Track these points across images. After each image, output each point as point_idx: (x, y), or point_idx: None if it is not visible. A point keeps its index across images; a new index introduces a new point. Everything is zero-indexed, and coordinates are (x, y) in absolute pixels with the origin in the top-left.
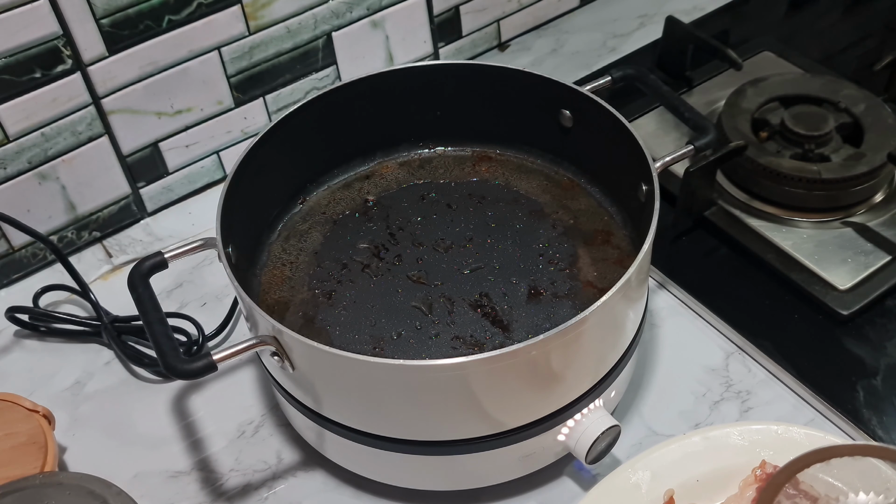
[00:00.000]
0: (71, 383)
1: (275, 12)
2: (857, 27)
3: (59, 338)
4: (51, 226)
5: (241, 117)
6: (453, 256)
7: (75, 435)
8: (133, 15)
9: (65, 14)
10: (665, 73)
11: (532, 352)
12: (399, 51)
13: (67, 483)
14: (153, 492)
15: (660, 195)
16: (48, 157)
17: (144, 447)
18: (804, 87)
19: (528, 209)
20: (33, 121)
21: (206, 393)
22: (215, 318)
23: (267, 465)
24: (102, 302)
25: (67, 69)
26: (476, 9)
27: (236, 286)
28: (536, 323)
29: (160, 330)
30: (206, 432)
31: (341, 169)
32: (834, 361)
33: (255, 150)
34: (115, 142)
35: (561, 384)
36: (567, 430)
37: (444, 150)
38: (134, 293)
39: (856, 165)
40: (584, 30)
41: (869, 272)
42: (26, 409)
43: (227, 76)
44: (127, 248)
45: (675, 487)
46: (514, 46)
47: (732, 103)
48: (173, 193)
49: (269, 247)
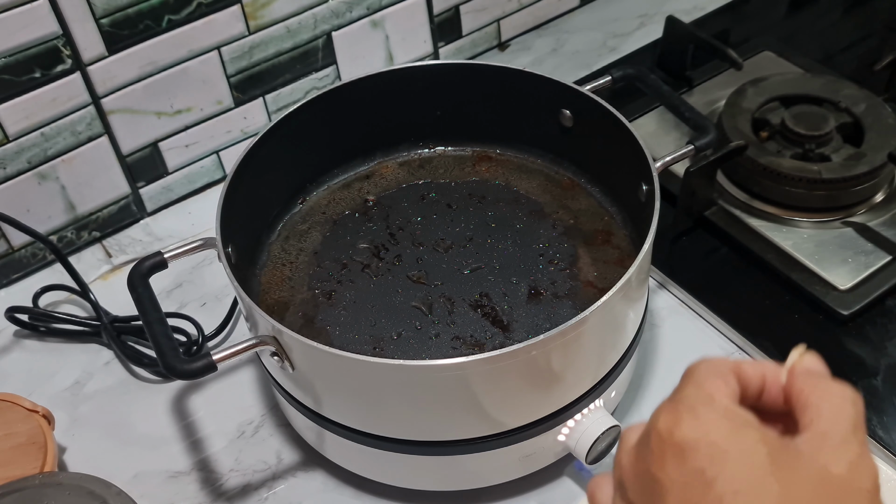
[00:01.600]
0: (70, 383)
1: (275, 12)
2: (858, 27)
3: (58, 338)
4: (50, 226)
5: (241, 117)
6: (453, 256)
7: (75, 435)
8: (133, 15)
9: (64, 14)
10: (665, 73)
11: (532, 352)
12: (399, 51)
13: (67, 483)
14: (153, 492)
15: (660, 195)
16: (48, 156)
17: (144, 447)
18: (804, 86)
19: (528, 209)
20: (33, 121)
21: (206, 393)
22: (215, 318)
23: (267, 465)
24: (102, 302)
25: (67, 69)
26: (476, 8)
27: (236, 286)
28: (537, 323)
29: (160, 330)
30: (206, 432)
31: (341, 169)
32: (834, 361)
33: (254, 150)
34: (114, 142)
35: (561, 384)
36: (567, 430)
37: (444, 150)
38: (133, 293)
39: (856, 165)
40: (584, 29)
41: (869, 272)
42: (26, 409)
43: (226, 76)
44: (126, 248)
45: None
46: (514, 46)
47: (733, 103)
48: (173, 193)
49: (268, 247)
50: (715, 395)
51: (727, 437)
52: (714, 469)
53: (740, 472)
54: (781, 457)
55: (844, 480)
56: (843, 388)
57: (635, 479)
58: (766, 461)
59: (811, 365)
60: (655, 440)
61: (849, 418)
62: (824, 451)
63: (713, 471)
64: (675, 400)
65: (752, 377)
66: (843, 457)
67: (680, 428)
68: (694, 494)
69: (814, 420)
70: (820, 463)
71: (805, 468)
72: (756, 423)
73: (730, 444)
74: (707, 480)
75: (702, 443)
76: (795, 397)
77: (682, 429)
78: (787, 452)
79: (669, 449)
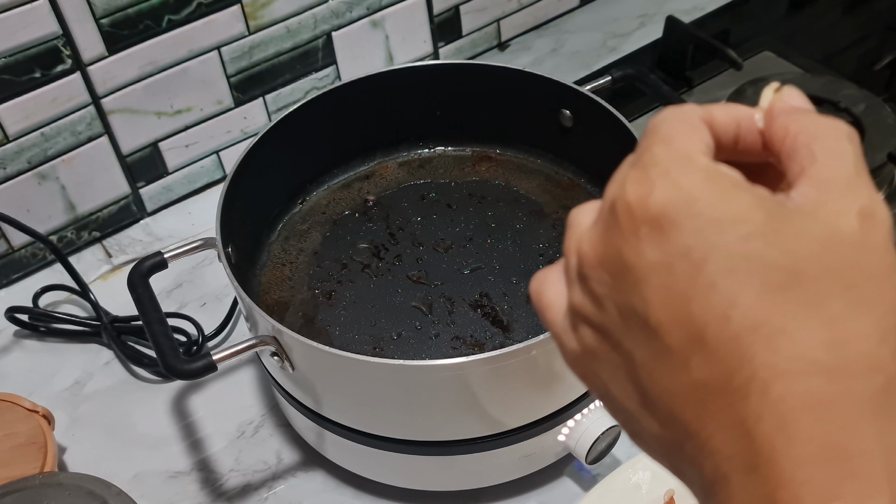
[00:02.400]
0: (70, 383)
1: (274, 12)
2: (858, 27)
3: (58, 338)
4: (50, 226)
5: (241, 117)
6: (453, 256)
7: (75, 435)
8: (133, 15)
9: (64, 14)
10: (665, 73)
11: (532, 352)
12: (399, 50)
13: (67, 483)
14: (153, 492)
15: None
16: (48, 156)
17: (144, 447)
18: (804, 86)
19: (528, 209)
20: (33, 121)
21: (206, 393)
22: (215, 318)
23: (267, 465)
24: (102, 302)
25: (67, 69)
26: (476, 8)
27: (236, 286)
28: (537, 323)
29: (160, 330)
30: (206, 432)
31: (341, 169)
32: None
33: (254, 150)
34: (114, 142)
35: (561, 384)
36: (567, 430)
37: (444, 150)
38: (133, 293)
39: None
40: (584, 29)
41: None
42: (26, 409)
43: (226, 76)
44: (126, 248)
45: (675, 487)
46: (514, 46)
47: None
48: (173, 193)
49: (268, 247)
50: (691, 153)
51: (714, 203)
52: (702, 246)
53: (735, 247)
54: (781, 220)
55: (856, 237)
56: (834, 123)
57: (601, 266)
58: (765, 228)
59: (792, 100)
60: (625, 216)
61: (848, 159)
62: (829, 205)
63: (701, 248)
64: (641, 163)
65: (727, 124)
66: (851, 208)
67: (655, 197)
68: (679, 279)
69: (806, 167)
70: (826, 220)
71: (810, 229)
72: (745, 184)
73: (719, 211)
74: (695, 260)
75: (684, 213)
76: (780, 142)
77: (658, 197)
78: (786, 213)
79: (644, 225)
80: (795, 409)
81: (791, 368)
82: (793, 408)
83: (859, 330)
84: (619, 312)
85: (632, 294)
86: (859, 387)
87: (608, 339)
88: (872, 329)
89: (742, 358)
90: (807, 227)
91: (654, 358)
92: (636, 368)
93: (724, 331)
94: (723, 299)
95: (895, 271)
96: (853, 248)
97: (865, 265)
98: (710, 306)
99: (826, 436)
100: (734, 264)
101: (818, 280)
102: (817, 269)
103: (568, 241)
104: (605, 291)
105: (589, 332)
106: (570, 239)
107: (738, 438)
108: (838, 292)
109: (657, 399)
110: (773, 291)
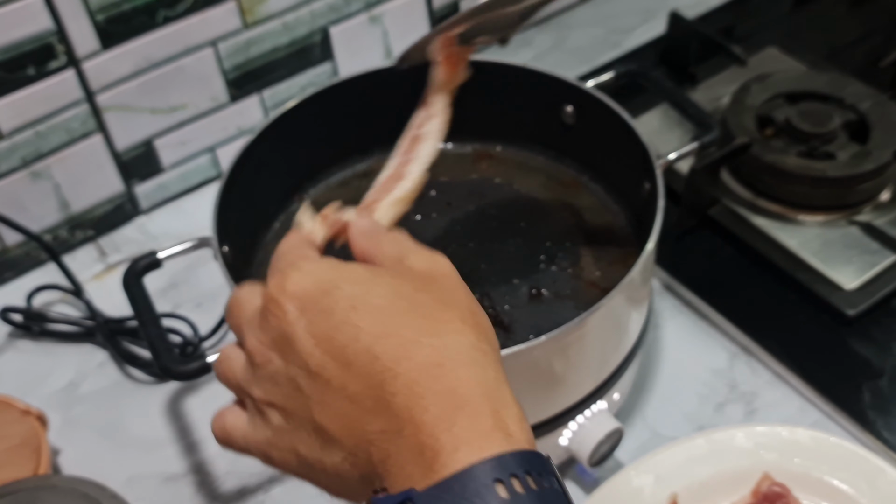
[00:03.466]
0: (64, 384)
1: (271, 7)
2: (863, 23)
3: (52, 338)
4: (44, 224)
5: (237, 114)
6: (453, 256)
7: (69, 437)
8: (127, 10)
9: (58, 9)
10: (669, 69)
11: (534, 353)
12: (398, 46)
13: (61, 486)
14: (148, 495)
15: (664, 193)
16: (41, 154)
17: (139, 450)
18: (809, 83)
19: (529, 207)
20: (26, 118)
21: (202, 394)
22: (211, 318)
23: (263, 468)
24: (97, 302)
25: (61, 65)
26: (476, 3)
27: (232, 286)
28: (538, 324)
29: (155, 331)
30: (202, 434)
31: (339, 166)
32: (839, 362)
33: (251, 148)
34: (108, 139)
35: (563, 386)
36: (569, 432)
37: (444, 148)
38: (128, 293)
39: (862, 163)
40: (586, 25)
41: (875, 272)
42: (19, 410)
43: (222, 72)
44: (121, 247)
45: (678, 491)
46: (515, 42)
47: (737, 100)
48: (168, 191)
49: (265, 246)
50: (307, 255)
51: (330, 272)
52: (328, 298)
53: (351, 290)
54: (377, 272)
55: (428, 271)
56: (392, 236)
57: (270, 349)
58: (369, 276)
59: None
60: (271, 303)
61: (401, 248)
62: (404, 265)
63: (328, 300)
64: (273, 269)
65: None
66: (418, 260)
67: (289, 281)
68: (320, 326)
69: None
70: (405, 267)
71: (399, 273)
72: (341, 261)
73: (334, 275)
74: (325, 309)
75: (310, 284)
76: (362, 256)
77: (292, 280)
78: (379, 270)
79: (287, 302)
80: (417, 377)
81: (406, 352)
82: (415, 378)
83: (446, 316)
84: (289, 380)
85: (294, 355)
86: (453, 350)
87: (288, 405)
88: (454, 315)
89: (374, 359)
90: (397, 272)
91: (321, 393)
92: (313, 414)
93: (358, 346)
94: (351, 327)
95: (457, 287)
96: (430, 278)
97: (436, 285)
98: (345, 334)
99: (439, 386)
100: (354, 302)
101: (408, 298)
102: (407, 292)
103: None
104: (276, 368)
105: (274, 412)
106: (239, 346)
107: (386, 417)
108: (426, 301)
109: (334, 429)
110: (381, 312)
